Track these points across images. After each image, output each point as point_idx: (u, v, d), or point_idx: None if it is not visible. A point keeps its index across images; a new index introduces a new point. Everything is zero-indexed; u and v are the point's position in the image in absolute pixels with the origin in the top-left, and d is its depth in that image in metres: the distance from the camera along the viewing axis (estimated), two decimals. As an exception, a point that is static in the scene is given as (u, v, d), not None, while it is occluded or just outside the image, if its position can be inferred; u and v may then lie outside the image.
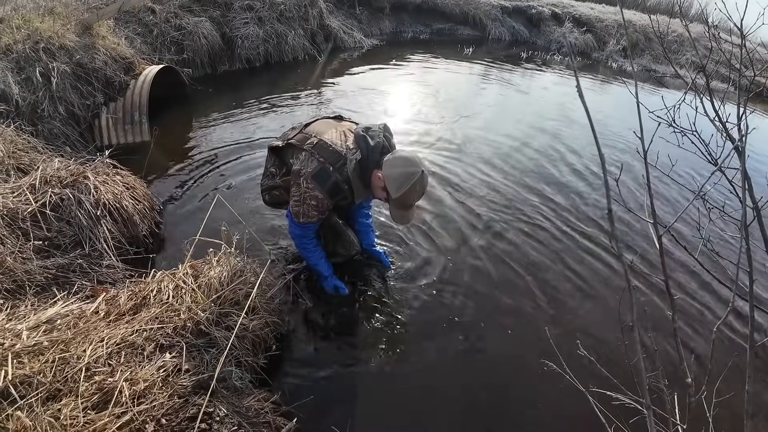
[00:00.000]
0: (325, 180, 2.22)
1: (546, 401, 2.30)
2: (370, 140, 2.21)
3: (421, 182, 2.10)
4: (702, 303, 3.14)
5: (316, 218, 2.33)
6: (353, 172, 2.22)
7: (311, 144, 2.26)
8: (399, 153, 2.19)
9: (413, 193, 2.12)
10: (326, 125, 2.40)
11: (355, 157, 2.21)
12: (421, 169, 2.09)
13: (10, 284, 2.18)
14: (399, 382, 2.30)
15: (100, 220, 2.60)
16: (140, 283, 2.20)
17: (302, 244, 2.52)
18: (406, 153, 2.18)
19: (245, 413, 1.73)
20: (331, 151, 2.23)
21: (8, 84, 3.55)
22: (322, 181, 2.22)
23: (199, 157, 4.11)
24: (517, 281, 3.06)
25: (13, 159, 2.93)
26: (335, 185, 2.24)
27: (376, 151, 2.21)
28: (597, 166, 4.98)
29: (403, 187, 2.08)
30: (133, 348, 1.81)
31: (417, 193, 2.13)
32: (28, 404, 1.54)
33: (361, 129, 2.27)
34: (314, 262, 2.58)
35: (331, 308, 2.62)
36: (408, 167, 2.09)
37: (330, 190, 2.24)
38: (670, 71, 11.78)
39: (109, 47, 4.41)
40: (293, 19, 7.50)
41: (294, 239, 2.55)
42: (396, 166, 2.11)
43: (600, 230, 3.77)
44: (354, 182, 2.26)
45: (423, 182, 2.12)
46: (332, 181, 2.22)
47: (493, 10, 12.43)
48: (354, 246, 2.83)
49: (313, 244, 2.52)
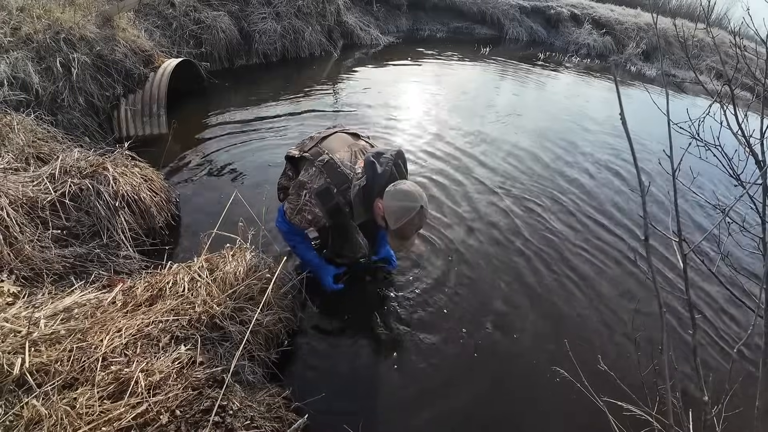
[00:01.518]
0: (327, 200, 2.25)
1: (553, 408, 2.29)
2: (378, 167, 2.18)
3: (419, 216, 2.09)
4: (725, 319, 3.09)
5: (306, 227, 2.41)
6: (355, 197, 2.23)
7: (322, 161, 2.28)
8: (400, 185, 2.13)
9: (410, 227, 2.11)
10: (341, 143, 2.40)
11: (359, 183, 2.20)
12: (419, 204, 2.07)
13: (28, 272, 2.21)
14: (409, 381, 2.29)
15: (118, 211, 2.63)
16: (156, 275, 2.21)
17: (288, 239, 2.56)
18: (407, 186, 2.12)
19: (257, 407, 1.73)
20: (338, 173, 2.25)
21: (28, 73, 3.58)
22: (324, 201, 2.25)
23: (216, 150, 4.13)
24: (531, 286, 3.04)
25: (33, 148, 2.96)
26: (336, 207, 2.27)
27: (382, 180, 2.17)
28: (612, 167, 4.94)
29: (401, 220, 2.08)
30: (148, 339, 1.82)
31: (415, 226, 2.13)
32: (45, 393, 1.56)
33: (371, 155, 2.23)
34: (303, 255, 2.61)
35: (341, 307, 2.62)
36: (407, 201, 2.07)
37: (330, 210, 2.28)
38: (690, 76, 11.62)
39: (128, 39, 4.44)
40: (311, 15, 7.50)
41: (280, 232, 2.57)
42: (396, 198, 2.09)
43: (617, 237, 3.73)
44: (355, 207, 2.27)
45: (421, 216, 2.10)
46: (334, 202, 2.26)
47: (511, 9, 12.32)
48: (361, 248, 2.80)
49: (300, 239, 2.55)
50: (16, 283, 2.09)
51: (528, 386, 2.38)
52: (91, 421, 1.48)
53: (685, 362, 2.61)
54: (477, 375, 2.39)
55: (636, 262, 3.38)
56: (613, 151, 5.52)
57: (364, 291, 2.73)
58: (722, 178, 4.38)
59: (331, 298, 2.63)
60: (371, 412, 2.12)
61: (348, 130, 2.53)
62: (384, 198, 2.12)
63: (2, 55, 3.59)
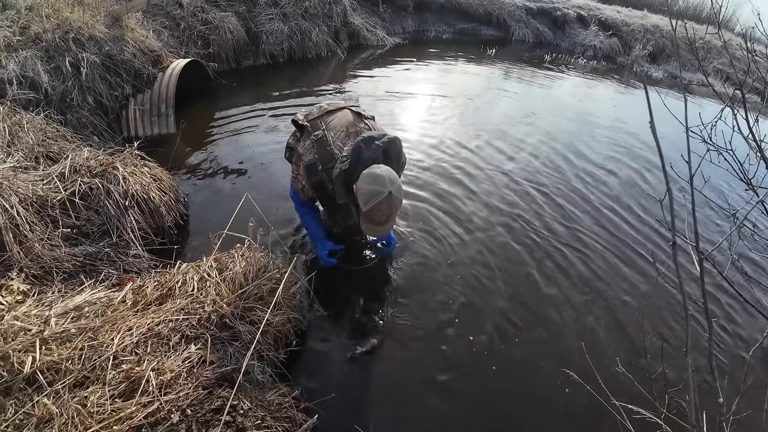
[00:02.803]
0: (312, 174, 2.35)
1: (560, 409, 2.27)
2: (363, 153, 2.17)
3: (387, 202, 2.06)
4: (740, 322, 3.07)
5: (307, 197, 2.52)
6: (336, 179, 2.27)
7: (316, 136, 2.36)
8: (374, 169, 2.10)
9: (377, 212, 2.09)
10: (342, 121, 2.43)
11: (342, 166, 2.24)
12: (387, 189, 2.04)
13: (38, 270, 2.21)
14: (419, 381, 2.28)
15: (127, 210, 2.63)
16: (166, 274, 2.21)
17: (297, 207, 2.69)
18: (380, 171, 2.09)
19: (268, 407, 1.72)
20: (326, 151, 2.32)
21: (38, 72, 3.59)
22: (310, 174, 2.35)
23: (224, 150, 4.13)
24: (541, 286, 3.02)
25: (42, 147, 2.97)
26: (320, 182, 2.37)
27: (365, 166, 2.15)
28: (631, 167, 4.92)
29: (368, 203, 2.06)
30: (159, 338, 1.82)
31: (382, 212, 2.09)
32: (56, 391, 1.55)
33: (361, 139, 2.22)
34: (305, 222, 2.75)
35: (350, 307, 2.62)
36: (375, 185, 2.05)
37: (314, 184, 2.38)
38: (698, 78, 11.56)
39: (137, 39, 4.45)
40: (317, 16, 7.51)
41: (292, 200, 2.69)
42: (365, 181, 2.08)
43: (633, 238, 3.71)
44: (336, 187, 2.31)
45: (389, 203, 2.07)
46: (317, 178, 2.35)
47: (518, 10, 12.30)
48: (351, 216, 2.87)
49: (307, 208, 2.66)
50: (26, 281, 2.09)
51: (537, 388, 2.36)
52: (102, 420, 1.47)
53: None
54: (487, 376, 2.37)
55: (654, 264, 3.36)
56: (627, 152, 5.50)
57: (372, 291, 2.71)
58: (732, 181, 4.36)
59: (339, 297, 2.62)
60: (381, 413, 2.11)
61: (355, 108, 2.55)
62: (359, 181, 2.12)
63: (11, 54, 3.60)
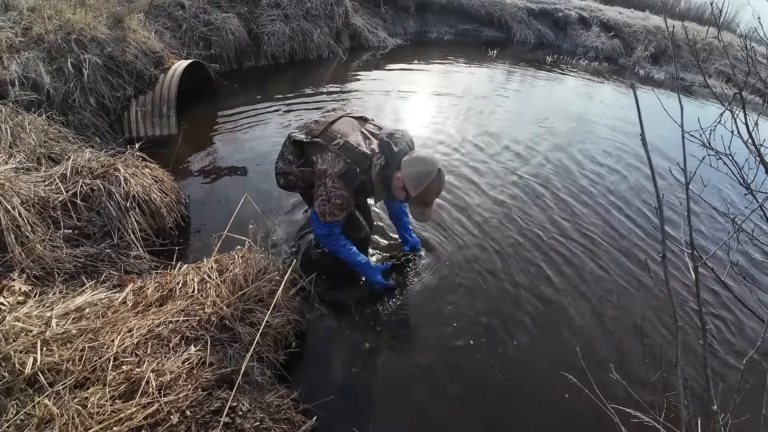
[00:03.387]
0: (352, 180, 2.31)
1: (560, 413, 2.28)
2: (394, 146, 2.27)
3: (438, 179, 2.18)
4: (735, 327, 3.07)
5: (341, 216, 2.40)
6: (377, 176, 2.32)
7: (337, 145, 2.33)
8: (415, 153, 2.26)
9: (430, 191, 2.20)
10: (350, 126, 2.45)
11: (380, 162, 2.30)
12: (437, 167, 2.17)
13: (39, 271, 2.22)
14: (418, 385, 2.28)
15: (129, 211, 2.64)
16: (166, 275, 2.22)
17: (330, 243, 2.54)
18: (422, 153, 2.25)
19: (267, 409, 1.73)
20: (357, 153, 2.31)
21: (39, 73, 3.61)
22: (348, 181, 2.30)
23: (225, 152, 4.15)
24: (543, 289, 3.03)
25: (44, 148, 2.98)
26: (361, 185, 2.34)
27: (399, 157, 2.26)
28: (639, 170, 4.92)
29: (421, 185, 2.16)
30: (159, 339, 1.83)
31: (434, 190, 2.21)
32: (56, 392, 1.56)
33: (385, 135, 2.34)
34: (348, 257, 2.59)
35: (349, 309, 2.62)
36: (424, 166, 2.17)
37: (356, 189, 2.34)
38: (698, 80, 11.55)
39: (139, 41, 4.47)
40: (319, 17, 7.52)
41: (321, 240, 2.57)
42: (413, 165, 2.19)
43: (632, 243, 3.71)
44: (376, 185, 2.36)
45: (440, 179, 2.20)
46: (359, 181, 2.32)
47: (519, 12, 12.28)
48: (362, 228, 2.90)
49: (342, 240, 2.56)
50: (28, 282, 2.11)
51: (537, 391, 2.36)
52: (102, 421, 1.48)
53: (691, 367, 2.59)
54: (486, 379, 2.37)
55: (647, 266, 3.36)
56: (631, 154, 5.50)
57: (373, 292, 2.72)
58: (731, 185, 4.35)
59: (339, 299, 2.63)
60: (380, 415, 2.11)
61: (352, 114, 2.58)
62: (402, 168, 2.22)
63: (14, 56, 3.62)
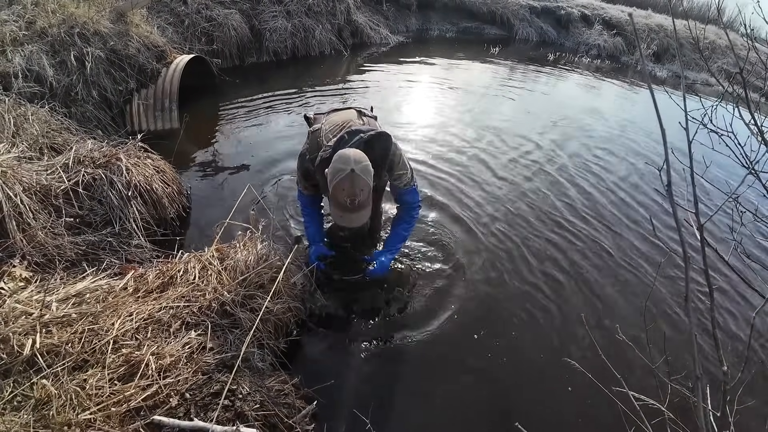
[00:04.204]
0: (301, 163, 2.39)
1: (565, 399, 2.27)
2: (344, 142, 2.15)
3: (349, 181, 1.97)
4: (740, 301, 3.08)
5: (305, 191, 2.50)
6: (317, 166, 2.22)
7: (313, 129, 2.40)
8: (343, 151, 2.06)
9: (340, 191, 2.00)
10: (342, 116, 2.41)
11: (322, 155, 2.19)
12: (350, 167, 1.96)
13: (40, 258, 2.22)
14: (418, 371, 2.29)
15: (130, 200, 2.64)
16: (168, 263, 2.22)
17: (301, 206, 2.65)
18: (347, 152, 2.04)
19: (267, 393, 1.72)
20: (314, 141, 2.32)
21: (43, 66, 3.62)
22: (299, 163, 2.41)
23: (226, 145, 4.16)
24: (542, 277, 3.02)
25: (47, 138, 2.99)
26: (307, 171, 2.37)
27: None
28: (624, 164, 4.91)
29: (331, 183, 2.01)
30: (159, 324, 1.82)
31: (344, 192, 1.99)
32: (54, 373, 1.56)
33: (346, 131, 2.19)
34: (306, 223, 2.65)
35: (350, 297, 2.61)
36: (339, 163, 1.99)
37: (303, 172, 2.40)
38: (701, 77, 11.51)
39: (142, 35, 4.47)
40: (321, 14, 7.53)
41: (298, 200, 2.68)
42: (333, 161, 2.03)
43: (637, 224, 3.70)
44: (319, 175, 2.26)
45: (351, 181, 1.97)
46: (305, 167, 2.37)
47: (521, 9, 12.28)
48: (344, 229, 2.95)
49: (309, 209, 2.61)
50: (29, 268, 2.11)
51: (541, 377, 2.36)
52: (100, 402, 1.48)
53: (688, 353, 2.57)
54: (487, 368, 2.37)
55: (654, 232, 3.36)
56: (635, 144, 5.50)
57: (373, 283, 2.71)
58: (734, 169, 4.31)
59: (341, 288, 2.62)
60: (380, 400, 2.11)
61: (360, 108, 2.56)
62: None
63: (17, 48, 3.63)
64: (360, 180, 1.99)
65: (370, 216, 2.91)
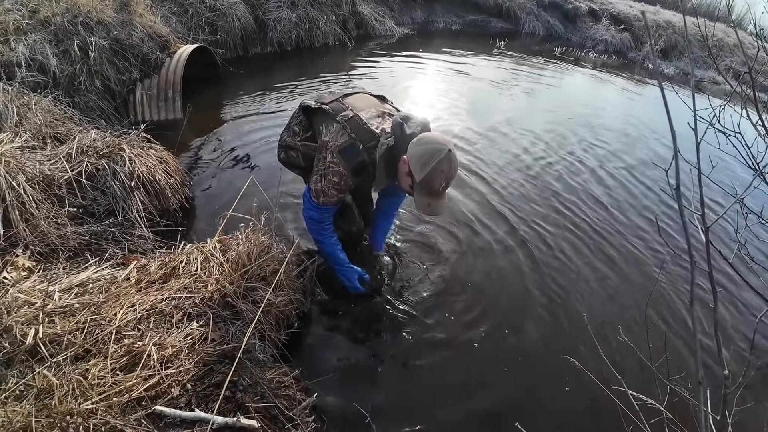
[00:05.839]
0: (353, 157, 2.05)
1: (564, 398, 2.28)
2: (406, 129, 2.01)
3: (447, 160, 1.84)
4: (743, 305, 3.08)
5: (335, 198, 2.17)
6: (381, 157, 2.05)
7: (345, 117, 2.08)
8: (425, 134, 1.95)
9: (438, 174, 1.85)
10: (366, 101, 2.22)
11: (387, 142, 2.03)
12: (447, 147, 1.85)
13: (43, 248, 2.23)
14: (418, 364, 2.29)
15: (133, 191, 2.64)
16: (170, 254, 2.22)
17: (317, 229, 2.34)
18: (433, 134, 1.95)
19: (268, 384, 1.73)
20: (364, 129, 2.06)
21: (46, 55, 3.61)
22: (349, 158, 2.05)
23: (230, 137, 4.14)
24: (542, 278, 3.02)
25: (50, 128, 2.98)
26: (362, 164, 2.08)
27: (410, 140, 1.96)
28: (622, 160, 4.89)
29: (427, 166, 1.84)
30: (161, 315, 1.83)
31: (443, 174, 1.86)
32: (57, 363, 1.57)
33: (399, 116, 2.06)
34: (330, 251, 2.39)
35: (351, 292, 2.61)
36: (433, 144, 1.86)
37: (356, 167, 2.08)
38: (708, 75, 11.41)
39: (145, 25, 4.45)
40: (326, 5, 7.48)
41: (308, 223, 2.36)
42: (420, 143, 1.88)
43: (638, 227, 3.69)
44: (379, 168, 2.10)
45: (450, 162, 1.86)
46: (360, 159, 2.06)
47: (528, 3, 12.16)
48: (355, 222, 2.75)
49: (330, 230, 2.35)
50: (31, 258, 2.11)
51: (537, 377, 2.36)
52: (102, 392, 1.49)
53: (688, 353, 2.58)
54: (487, 362, 2.37)
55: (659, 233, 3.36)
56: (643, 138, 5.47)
57: (376, 274, 2.71)
58: (738, 171, 4.29)
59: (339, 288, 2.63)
60: (380, 393, 2.12)
61: (373, 93, 2.36)
62: (408, 149, 1.92)
63: (21, 37, 3.62)
64: (456, 159, 1.90)
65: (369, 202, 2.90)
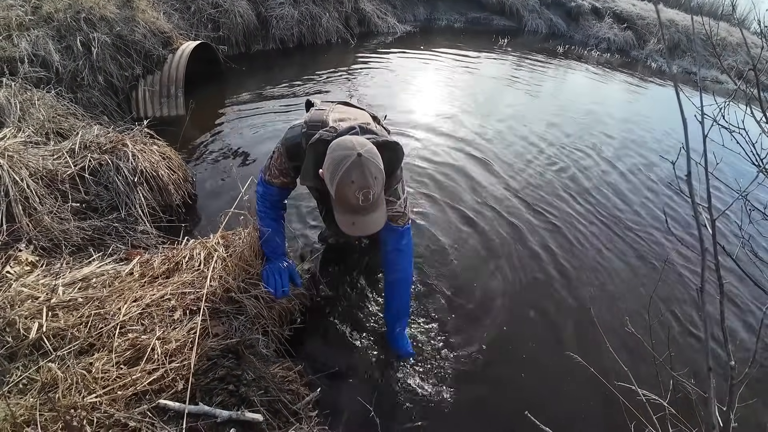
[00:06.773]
0: (292, 137, 1.93)
1: (566, 395, 2.27)
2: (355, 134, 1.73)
3: (358, 168, 1.52)
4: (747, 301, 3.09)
5: (278, 180, 2.04)
6: (311, 145, 1.76)
7: (319, 107, 2.00)
8: (339, 138, 1.65)
9: (348, 186, 1.53)
10: (356, 113, 2.05)
11: (323, 133, 1.76)
12: (356, 151, 1.52)
13: (46, 242, 2.23)
14: (420, 359, 2.28)
15: (136, 186, 2.64)
16: (173, 249, 2.22)
17: (258, 204, 2.15)
18: (348, 137, 1.63)
19: (272, 379, 1.73)
20: (319, 116, 1.90)
21: (49, 51, 3.62)
22: (287, 137, 1.95)
23: (232, 133, 4.14)
24: (547, 274, 3.01)
25: (53, 123, 2.99)
26: (296, 147, 1.91)
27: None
28: (630, 160, 4.88)
29: (335, 176, 1.54)
30: (165, 310, 1.82)
31: (354, 185, 1.53)
32: (60, 357, 1.57)
33: (361, 124, 1.83)
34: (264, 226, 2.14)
35: (355, 287, 2.62)
36: (339, 150, 1.56)
37: (290, 148, 1.94)
38: (711, 74, 11.37)
39: (148, 21, 4.45)
40: (328, 2, 7.48)
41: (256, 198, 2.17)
42: (330, 151, 1.60)
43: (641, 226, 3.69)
44: (307, 157, 1.80)
45: (362, 168, 1.52)
46: (295, 141, 1.91)
47: (531, 0, 12.14)
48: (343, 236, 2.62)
49: (272, 214, 2.15)
50: (35, 253, 2.11)
51: (543, 370, 2.36)
52: (106, 386, 1.49)
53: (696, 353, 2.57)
54: (490, 360, 2.36)
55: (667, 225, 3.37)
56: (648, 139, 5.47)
57: (376, 273, 2.71)
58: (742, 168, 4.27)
59: (346, 278, 2.62)
60: (383, 388, 2.11)
61: (374, 113, 2.25)
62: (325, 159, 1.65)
63: (23, 33, 3.63)
64: (371, 165, 1.55)
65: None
